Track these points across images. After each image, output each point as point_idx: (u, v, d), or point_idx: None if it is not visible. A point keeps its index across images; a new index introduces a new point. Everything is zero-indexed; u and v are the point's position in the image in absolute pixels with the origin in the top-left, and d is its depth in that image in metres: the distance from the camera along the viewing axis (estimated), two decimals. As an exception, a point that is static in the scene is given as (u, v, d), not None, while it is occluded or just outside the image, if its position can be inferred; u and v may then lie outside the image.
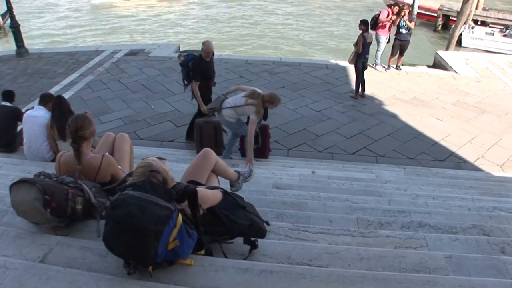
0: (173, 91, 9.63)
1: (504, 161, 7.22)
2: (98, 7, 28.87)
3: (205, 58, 6.68)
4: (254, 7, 29.94)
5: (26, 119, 5.64)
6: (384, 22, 10.67)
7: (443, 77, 11.24)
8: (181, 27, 24.65)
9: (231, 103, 5.97)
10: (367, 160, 7.13)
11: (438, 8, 24.39)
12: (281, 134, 7.80)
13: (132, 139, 3.82)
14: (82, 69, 11.35)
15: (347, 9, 30.44)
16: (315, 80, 10.55)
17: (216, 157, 3.10)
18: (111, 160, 3.10)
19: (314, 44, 20.68)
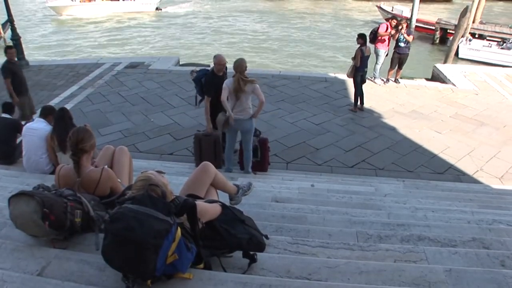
0: (173, 104, 9.66)
1: (503, 174, 7.22)
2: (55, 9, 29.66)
3: (217, 73, 6.49)
4: (254, 23, 30.30)
5: (26, 131, 5.65)
6: (383, 36, 10.77)
7: (442, 90, 11.30)
8: (180, 40, 24.93)
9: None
10: (366, 173, 7.13)
11: (436, 21, 24.65)
12: (280, 148, 7.80)
13: (131, 152, 3.83)
14: (82, 82, 11.42)
15: (346, 22, 30.82)
16: (314, 94, 10.59)
17: (215, 171, 3.11)
18: (110, 173, 3.10)
19: (312, 57, 20.83)
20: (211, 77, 6.53)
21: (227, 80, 6.01)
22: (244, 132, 6.22)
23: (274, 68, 17.09)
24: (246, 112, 5.99)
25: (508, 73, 13.07)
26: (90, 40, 24.70)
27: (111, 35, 25.74)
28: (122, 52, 21.55)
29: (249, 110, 6.01)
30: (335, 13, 35.30)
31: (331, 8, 38.25)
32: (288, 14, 33.89)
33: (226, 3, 38.17)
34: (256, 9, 35.96)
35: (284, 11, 35.48)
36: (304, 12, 34.58)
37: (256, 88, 5.87)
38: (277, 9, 36.56)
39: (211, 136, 6.56)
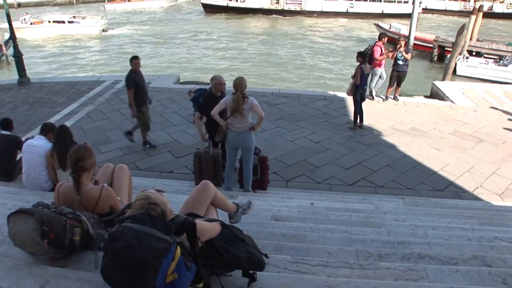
0: (173, 122, 9.69)
1: (503, 190, 7.21)
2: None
3: (215, 93, 6.58)
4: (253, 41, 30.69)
5: (26, 148, 5.66)
6: (380, 60, 10.92)
7: (440, 107, 11.36)
8: (180, 58, 25.27)
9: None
10: (366, 191, 7.11)
11: (434, 39, 24.92)
12: (280, 166, 7.80)
13: (131, 170, 3.83)
14: (82, 99, 11.47)
15: (344, 40, 31.15)
16: (313, 111, 10.63)
17: (215, 189, 3.11)
18: (110, 192, 3.10)
19: (312, 76, 21.00)
20: (208, 98, 6.59)
21: (226, 97, 6.05)
22: (244, 149, 6.24)
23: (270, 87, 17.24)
24: (245, 127, 6.03)
25: (506, 89, 13.16)
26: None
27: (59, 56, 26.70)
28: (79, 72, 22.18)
29: (245, 129, 6.04)
30: (285, 31, 36.17)
31: (290, 25, 39.09)
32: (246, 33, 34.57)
33: (185, 25, 38.47)
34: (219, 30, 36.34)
35: (243, 30, 36.04)
36: (264, 33, 35.17)
37: (255, 105, 5.89)
38: (238, 29, 37.04)
39: (211, 154, 6.57)
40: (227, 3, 43.38)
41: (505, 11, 46.14)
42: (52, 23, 32.17)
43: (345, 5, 43.85)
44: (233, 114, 5.91)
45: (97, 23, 33.50)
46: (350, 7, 43.84)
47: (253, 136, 6.20)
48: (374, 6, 44.08)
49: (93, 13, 46.20)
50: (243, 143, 6.14)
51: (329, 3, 43.85)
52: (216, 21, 40.84)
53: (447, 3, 47.98)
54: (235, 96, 5.86)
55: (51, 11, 47.87)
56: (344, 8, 43.82)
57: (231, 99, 5.90)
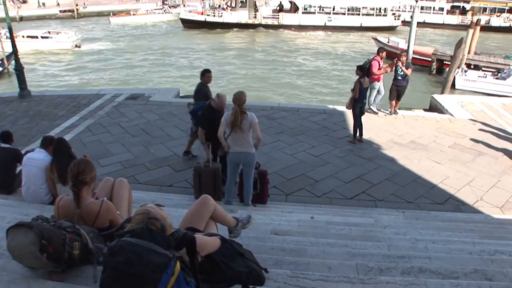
0: (173, 136, 9.71)
1: (504, 203, 7.19)
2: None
3: (216, 108, 6.71)
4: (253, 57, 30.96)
5: (26, 161, 5.68)
6: (379, 75, 10.98)
7: (440, 120, 11.38)
8: (180, 72, 25.45)
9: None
10: (366, 205, 7.09)
11: (432, 52, 25.10)
12: (280, 180, 7.78)
13: (130, 183, 3.84)
14: (82, 112, 11.49)
15: (343, 54, 31.38)
16: (313, 125, 10.65)
17: (214, 204, 3.11)
18: (110, 206, 3.11)
19: (311, 90, 21.09)
20: (208, 111, 6.70)
21: (226, 113, 6.09)
22: (245, 165, 6.26)
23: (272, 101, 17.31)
24: (244, 146, 6.04)
25: (505, 102, 13.22)
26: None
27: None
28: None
29: (247, 144, 6.05)
30: (252, 43, 36.45)
31: (267, 39, 39.33)
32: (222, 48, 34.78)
33: (169, 41, 38.59)
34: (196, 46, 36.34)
35: (221, 46, 36.15)
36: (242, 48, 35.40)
37: (254, 123, 5.93)
38: (216, 44, 37.14)
39: (211, 168, 6.58)
40: (205, 18, 43.29)
41: (502, 25, 46.70)
42: (26, 38, 32.31)
43: (323, 18, 44.00)
44: (233, 130, 5.93)
45: (69, 38, 33.61)
46: (328, 20, 43.96)
47: (255, 153, 6.21)
48: (353, 20, 44.25)
49: (97, 26, 46.87)
50: (244, 158, 6.16)
51: (307, 17, 43.93)
52: (194, 36, 40.83)
53: (445, 17, 48.47)
54: (233, 110, 5.90)
55: (52, 24, 48.32)
56: (322, 22, 43.93)
57: (230, 113, 5.93)
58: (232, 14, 43.07)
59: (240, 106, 5.91)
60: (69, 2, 57.59)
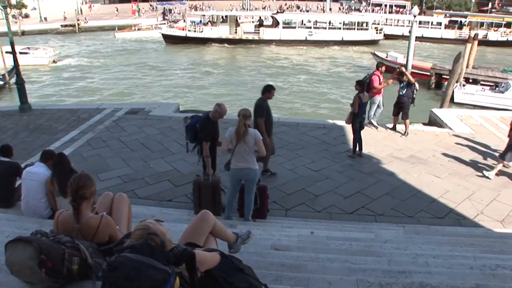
0: (172, 151, 9.71)
1: (504, 217, 7.17)
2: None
3: (213, 119, 6.73)
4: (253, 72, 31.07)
5: (26, 175, 5.68)
6: (379, 89, 11.04)
7: (439, 134, 11.41)
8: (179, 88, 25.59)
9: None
10: (366, 220, 7.07)
11: (431, 67, 25.26)
12: (280, 195, 7.76)
13: (130, 198, 3.84)
14: (82, 126, 11.51)
15: (342, 69, 31.58)
16: (312, 140, 10.65)
17: (214, 219, 3.11)
18: (109, 221, 3.10)
19: (311, 104, 21.15)
20: (206, 123, 6.70)
21: (229, 129, 6.13)
22: (248, 181, 6.27)
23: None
24: (248, 162, 6.05)
25: (503, 115, 13.26)
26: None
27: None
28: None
29: (251, 159, 6.07)
30: (231, 59, 36.50)
31: (248, 55, 39.38)
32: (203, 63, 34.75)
33: (143, 58, 38.34)
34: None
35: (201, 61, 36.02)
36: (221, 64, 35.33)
37: (259, 140, 5.98)
38: (194, 59, 37.02)
39: (210, 182, 6.57)
40: (186, 34, 43.26)
41: (499, 39, 47.16)
42: (6, 53, 32.50)
43: (303, 33, 43.97)
44: (238, 143, 5.96)
45: (46, 54, 33.56)
46: (309, 35, 43.95)
47: (258, 170, 6.23)
48: (334, 34, 44.28)
49: (100, 41, 47.08)
50: (247, 174, 6.18)
51: (288, 31, 43.89)
52: (175, 51, 40.88)
53: (443, 32, 48.89)
54: (238, 120, 5.98)
55: (52, 39, 48.68)
56: (303, 36, 43.90)
57: (234, 128, 6.01)
58: (212, 30, 43.01)
59: (245, 117, 5.98)
60: (71, 17, 58.30)
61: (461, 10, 65.65)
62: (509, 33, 47.98)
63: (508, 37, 47.69)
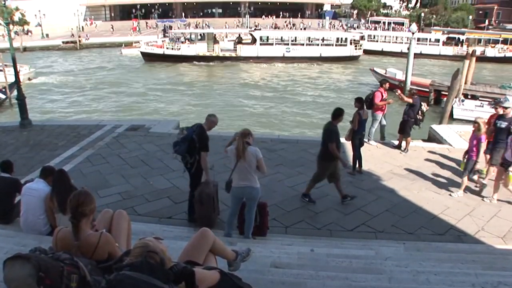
0: (172, 167, 9.69)
1: (505, 233, 7.13)
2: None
3: (208, 130, 6.84)
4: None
5: (26, 191, 5.69)
6: (381, 106, 11.12)
7: (438, 151, 11.42)
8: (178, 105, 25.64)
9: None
10: (366, 237, 7.03)
11: (430, 83, 25.43)
12: (279, 212, 7.72)
13: (130, 215, 3.84)
14: (82, 143, 11.53)
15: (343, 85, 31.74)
16: (312, 157, 10.50)
17: (214, 237, 3.11)
18: (109, 238, 3.10)
19: (311, 122, 21.19)
20: (203, 132, 6.77)
21: (230, 147, 6.18)
22: (249, 199, 6.27)
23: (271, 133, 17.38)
24: (249, 180, 6.06)
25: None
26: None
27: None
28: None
29: (252, 178, 6.08)
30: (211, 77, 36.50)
31: (224, 72, 39.30)
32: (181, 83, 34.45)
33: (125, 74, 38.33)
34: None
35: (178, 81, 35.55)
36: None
37: (260, 159, 5.99)
38: (173, 77, 36.90)
39: (212, 191, 6.68)
40: (164, 51, 43.26)
41: (496, 55, 47.70)
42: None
43: (281, 49, 44.07)
44: (238, 161, 5.97)
45: (21, 72, 33.49)
46: (286, 51, 44.08)
47: (259, 188, 6.23)
48: (312, 50, 44.45)
49: (102, 57, 47.41)
50: (249, 193, 6.18)
51: (265, 48, 43.89)
52: (152, 69, 40.87)
53: (441, 48, 49.34)
54: (237, 139, 6.01)
55: (53, 55, 49.07)
56: (280, 53, 43.98)
57: (234, 146, 6.04)
58: (190, 47, 43.00)
59: (244, 137, 6.00)
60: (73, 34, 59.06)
61: (458, 27, 66.44)
62: (506, 49, 48.53)
63: (505, 53, 48.22)
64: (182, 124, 14.30)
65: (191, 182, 7.11)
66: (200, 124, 6.90)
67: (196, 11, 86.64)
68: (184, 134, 6.93)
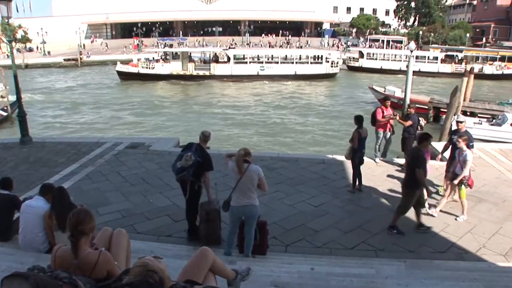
0: (172, 186, 9.65)
1: (507, 250, 7.09)
2: None
3: (204, 146, 7.01)
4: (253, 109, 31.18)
5: (25, 208, 5.69)
6: (383, 122, 11.18)
7: (438, 168, 11.37)
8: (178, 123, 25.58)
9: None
10: (367, 255, 6.99)
11: (429, 100, 25.55)
12: (279, 230, 7.68)
13: (129, 233, 3.83)
14: (82, 160, 11.54)
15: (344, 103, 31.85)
16: (312, 175, 10.63)
17: (214, 256, 3.10)
18: (108, 257, 3.09)
19: (311, 141, 21.21)
20: (204, 151, 6.96)
21: (230, 163, 6.24)
22: (249, 217, 6.26)
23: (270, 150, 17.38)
24: (249, 198, 6.07)
25: (502, 148, 13.30)
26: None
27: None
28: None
29: (253, 196, 6.09)
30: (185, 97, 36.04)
31: (198, 93, 38.62)
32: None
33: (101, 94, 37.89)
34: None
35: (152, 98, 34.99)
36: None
37: (261, 178, 6.04)
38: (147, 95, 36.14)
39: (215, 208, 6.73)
40: (138, 70, 43.02)
41: (494, 72, 48.14)
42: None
43: (255, 68, 43.85)
44: (240, 178, 5.99)
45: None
46: (260, 69, 43.86)
47: (259, 207, 6.24)
48: (286, 68, 44.21)
49: (93, 75, 47.61)
50: (249, 211, 6.18)
51: (239, 66, 43.70)
52: (126, 88, 40.59)
53: (440, 66, 49.71)
54: (237, 156, 6.06)
55: (54, 73, 49.34)
56: (254, 71, 43.70)
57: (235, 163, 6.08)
58: (164, 66, 42.83)
59: (244, 156, 6.07)
60: (74, 52, 59.65)
61: (456, 44, 67.09)
62: (504, 66, 48.97)
63: (503, 70, 48.65)
64: (182, 143, 14.32)
65: (191, 201, 7.16)
66: (198, 143, 6.99)
67: (196, 29, 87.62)
68: (192, 160, 6.71)
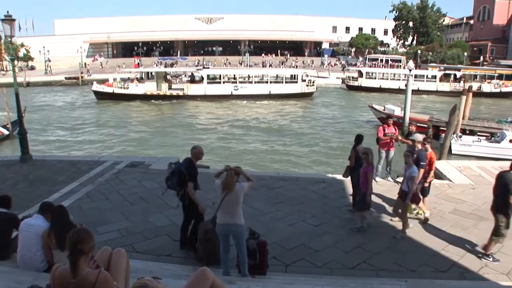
0: (171, 205, 9.65)
1: (510, 269, 7.04)
2: None
3: (195, 161, 7.18)
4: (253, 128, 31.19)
5: (23, 227, 5.67)
6: (385, 141, 11.24)
7: (439, 186, 11.37)
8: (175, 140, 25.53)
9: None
10: (367, 275, 6.93)
11: (428, 119, 25.65)
12: (279, 250, 7.63)
13: (128, 252, 3.81)
14: (82, 178, 11.54)
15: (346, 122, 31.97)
16: (312, 195, 10.60)
17: (213, 277, 3.09)
18: (107, 277, 3.07)
19: (311, 160, 21.19)
20: (191, 165, 7.15)
21: (217, 181, 6.28)
22: (236, 236, 6.29)
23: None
24: (234, 216, 6.12)
25: (502, 165, 13.26)
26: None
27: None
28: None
29: (237, 214, 6.15)
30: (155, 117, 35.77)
31: (171, 111, 38.33)
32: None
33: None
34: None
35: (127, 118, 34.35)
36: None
37: (248, 186, 6.23)
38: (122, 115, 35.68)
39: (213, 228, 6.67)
40: (113, 90, 42.77)
41: (493, 91, 48.51)
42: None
43: (229, 88, 43.68)
44: (227, 194, 6.03)
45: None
46: (234, 89, 43.70)
47: (243, 226, 6.27)
48: (260, 88, 43.93)
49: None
50: (235, 230, 6.22)
51: (212, 86, 43.48)
52: (101, 107, 40.23)
53: (438, 85, 50.02)
54: (228, 172, 6.15)
55: (55, 90, 49.58)
56: (228, 91, 43.46)
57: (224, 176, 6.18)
58: (138, 86, 42.64)
59: (237, 174, 6.14)
60: (75, 70, 60.36)
61: (454, 63, 67.68)
62: (502, 84, 49.34)
63: (501, 88, 49.00)
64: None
65: (185, 214, 7.44)
66: (189, 158, 7.21)
67: (196, 49, 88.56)
68: (172, 168, 7.20)
